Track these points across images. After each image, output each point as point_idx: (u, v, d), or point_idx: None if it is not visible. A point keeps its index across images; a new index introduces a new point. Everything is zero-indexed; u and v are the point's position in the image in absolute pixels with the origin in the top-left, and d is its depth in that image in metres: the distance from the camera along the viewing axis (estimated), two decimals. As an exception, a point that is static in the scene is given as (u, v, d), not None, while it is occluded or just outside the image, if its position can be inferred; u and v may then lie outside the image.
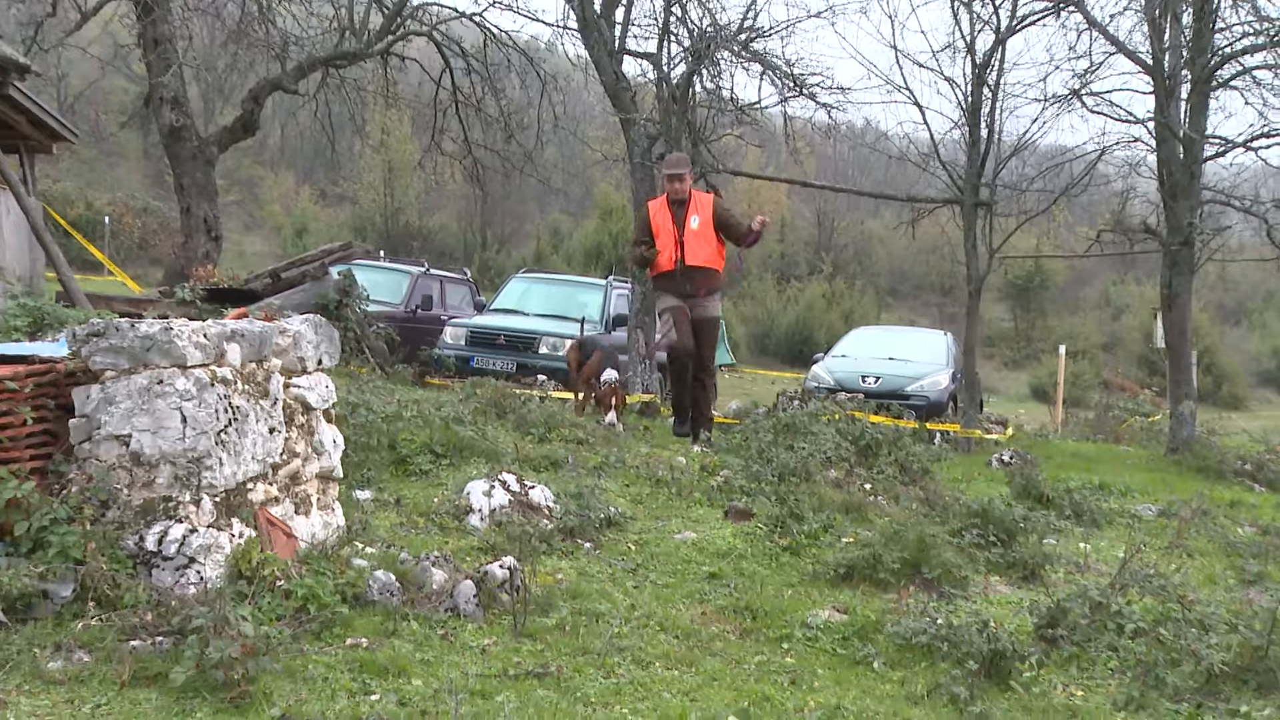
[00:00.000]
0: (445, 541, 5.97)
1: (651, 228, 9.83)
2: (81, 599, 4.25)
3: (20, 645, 3.96)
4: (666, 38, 15.43)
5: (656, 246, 9.74)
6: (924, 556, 6.35)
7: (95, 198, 38.81)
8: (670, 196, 9.79)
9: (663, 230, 9.74)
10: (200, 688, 3.79)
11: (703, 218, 9.69)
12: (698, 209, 9.71)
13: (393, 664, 4.31)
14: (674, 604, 5.66)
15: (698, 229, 9.64)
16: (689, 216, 9.66)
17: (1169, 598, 5.98)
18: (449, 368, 14.10)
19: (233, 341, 5.04)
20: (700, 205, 9.77)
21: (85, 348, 4.73)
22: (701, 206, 9.76)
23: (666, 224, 9.72)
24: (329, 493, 5.77)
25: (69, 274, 12.14)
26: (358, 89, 19.99)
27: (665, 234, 9.71)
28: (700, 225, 9.66)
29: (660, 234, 9.74)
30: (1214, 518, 9.31)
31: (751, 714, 4.33)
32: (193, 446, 4.67)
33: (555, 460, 8.10)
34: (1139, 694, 4.91)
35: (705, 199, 9.96)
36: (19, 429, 4.58)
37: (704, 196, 10.00)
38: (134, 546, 4.48)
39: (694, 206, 9.71)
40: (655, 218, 9.84)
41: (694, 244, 9.65)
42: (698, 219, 9.65)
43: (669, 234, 9.69)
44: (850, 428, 9.67)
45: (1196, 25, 14.61)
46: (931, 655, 5.09)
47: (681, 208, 9.71)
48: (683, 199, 9.71)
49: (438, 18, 18.83)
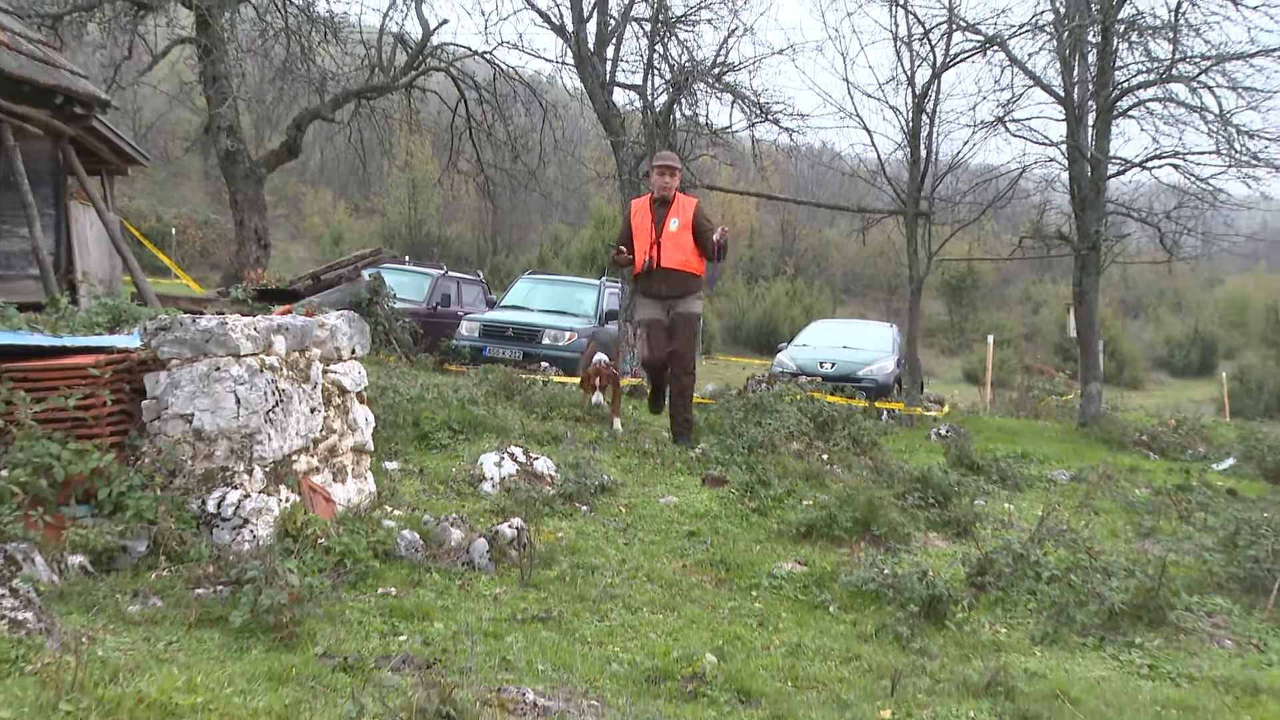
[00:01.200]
0: (462, 505, 5.97)
1: (631, 228, 8.49)
2: (154, 553, 4.27)
3: (105, 592, 3.96)
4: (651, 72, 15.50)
5: (634, 247, 8.40)
6: (873, 516, 6.36)
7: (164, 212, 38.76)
8: (655, 193, 8.39)
9: (640, 231, 8.39)
10: (255, 629, 3.78)
11: (683, 221, 8.27)
12: (679, 211, 8.31)
13: (418, 609, 4.31)
14: (659, 558, 5.66)
15: (676, 231, 8.25)
16: (669, 218, 8.28)
17: (1078, 549, 6.01)
18: (465, 356, 14.06)
19: (279, 334, 5.02)
20: (682, 208, 8.34)
21: (155, 340, 4.72)
22: (683, 209, 8.33)
23: (645, 224, 8.37)
24: (362, 463, 5.76)
25: (142, 277, 12.13)
26: (385, 117, 19.99)
27: (643, 234, 8.36)
28: (679, 228, 8.25)
29: (638, 234, 8.39)
30: (1116, 481, 9.36)
31: (725, 651, 4.33)
32: (245, 424, 4.66)
33: (556, 435, 8.11)
34: (1053, 630, 4.93)
35: (689, 202, 8.43)
36: (100, 409, 4.58)
37: (688, 199, 8.46)
38: (197, 509, 4.48)
39: (676, 208, 8.31)
40: (635, 218, 8.48)
41: (670, 246, 8.26)
42: (677, 221, 8.25)
43: (646, 234, 8.33)
44: (810, 407, 9.66)
45: (1100, 63, 14.84)
46: (879, 600, 5.10)
47: (664, 208, 8.34)
48: (667, 197, 8.33)
49: (454, 56, 18.79)
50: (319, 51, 18.24)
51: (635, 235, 8.41)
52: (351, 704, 2.91)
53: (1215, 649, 4.90)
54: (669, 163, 8.46)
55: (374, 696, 2.98)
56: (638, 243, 8.38)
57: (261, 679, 3.42)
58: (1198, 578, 5.92)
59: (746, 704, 3.85)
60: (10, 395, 4.41)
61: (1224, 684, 4.39)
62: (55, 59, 11.43)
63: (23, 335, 5.33)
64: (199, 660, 3.52)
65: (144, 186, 40.39)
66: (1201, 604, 5.48)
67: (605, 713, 3.37)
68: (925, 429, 12.54)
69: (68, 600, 3.86)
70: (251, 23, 17.96)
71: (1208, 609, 5.43)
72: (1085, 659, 4.68)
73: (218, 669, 3.47)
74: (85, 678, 3.09)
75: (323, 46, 18.32)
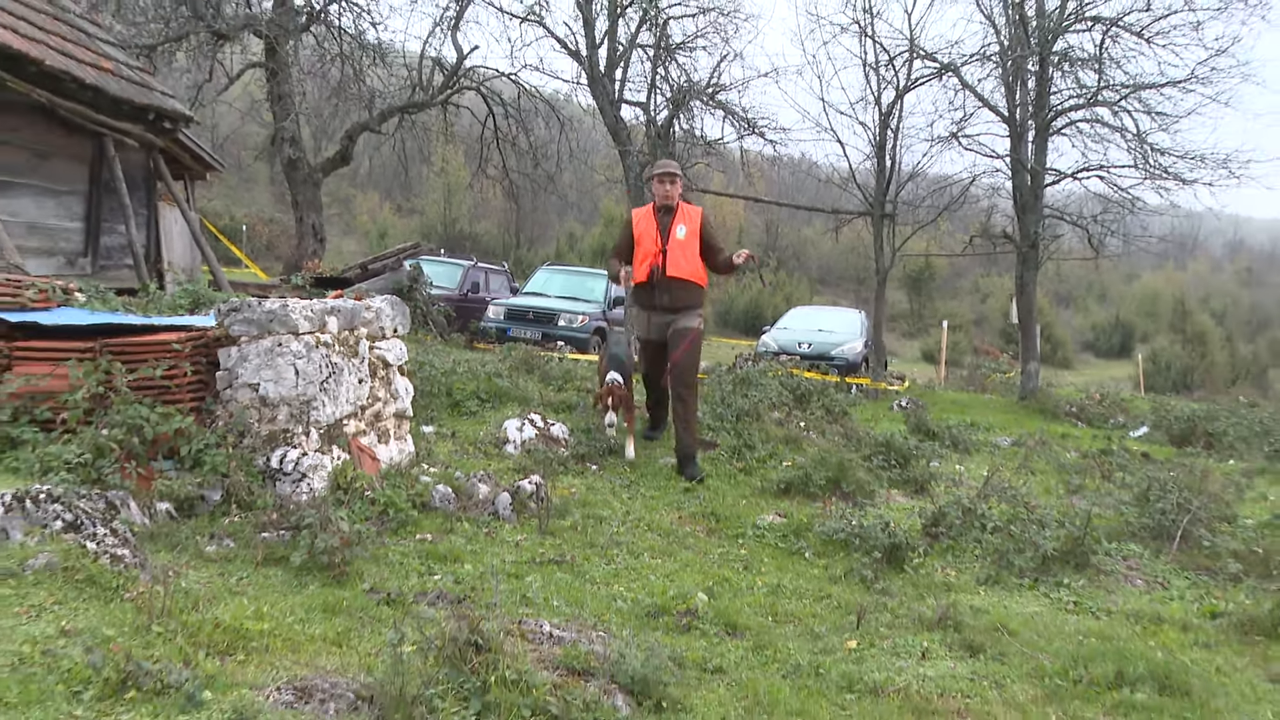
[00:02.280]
0: (488, 464, 5.96)
1: (633, 235, 6.96)
2: (226, 502, 4.28)
3: (186, 534, 3.97)
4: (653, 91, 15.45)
5: (636, 255, 6.94)
6: (843, 475, 6.36)
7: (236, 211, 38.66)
8: (658, 202, 6.93)
9: (645, 238, 6.88)
10: (311, 568, 3.79)
11: (690, 229, 6.83)
12: (685, 219, 6.86)
13: (450, 553, 4.31)
14: (658, 511, 5.67)
15: (684, 239, 6.80)
16: (675, 225, 6.82)
17: (1018, 504, 6.01)
18: (491, 336, 14.03)
19: (332, 315, 5.01)
20: (688, 216, 6.87)
21: (227, 319, 4.71)
22: (689, 218, 6.86)
23: (650, 231, 6.87)
24: (403, 427, 5.75)
25: (217, 266, 12.11)
26: (425, 129, 19.91)
27: (647, 241, 6.86)
28: (686, 236, 6.80)
29: (642, 241, 6.89)
30: (1050, 446, 9.34)
31: (715, 591, 4.34)
32: (303, 392, 4.65)
33: (570, 404, 8.08)
34: (995, 573, 4.93)
35: (694, 211, 6.96)
36: (182, 379, 4.59)
37: (693, 209, 6.99)
38: (263, 465, 4.48)
39: (681, 216, 6.86)
40: (638, 225, 6.95)
41: (677, 255, 6.76)
42: (685, 229, 6.82)
43: (651, 241, 6.83)
44: (789, 381, 9.65)
45: (1038, 88, 15.05)
46: (847, 547, 5.10)
47: (668, 215, 6.86)
48: (670, 205, 6.86)
49: (484, 77, 18.70)
50: (369, 73, 18.17)
51: (639, 243, 6.94)
52: (394, 632, 2.91)
53: (1129, 587, 4.93)
54: (670, 170, 6.97)
55: (413, 626, 2.98)
56: (640, 250, 6.91)
57: (317, 610, 3.43)
58: (1116, 528, 5.93)
59: (733, 636, 3.86)
60: (110, 366, 4.42)
61: (1134, 616, 4.44)
62: (149, 82, 11.48)
63: (119, 315, 5.32)
64: (265, 593, 3.53)
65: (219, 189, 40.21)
66: (1119, 550, 5.51)
67: (611, 642, 3.37)
68: (888, 401, 12.53)
69: (156, 540, 3.87)
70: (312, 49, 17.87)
71: (1123, 554, 5.46)
72: (1022, 597, 4.68)
73: (281, 601, 3.48)
74: (172, 605, 3.10)
75: (372, 69, 18.25)
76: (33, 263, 9.10)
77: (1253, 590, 4.88)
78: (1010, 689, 3.54)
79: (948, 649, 3.87)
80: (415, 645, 2.88)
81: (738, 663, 3.55)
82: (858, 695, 3.39)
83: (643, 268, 6.85)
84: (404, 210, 51.13)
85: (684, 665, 3.39)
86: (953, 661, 3.75)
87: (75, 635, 2.84)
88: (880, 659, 3.70)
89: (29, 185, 9.83)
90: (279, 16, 15.95)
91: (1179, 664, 3.73)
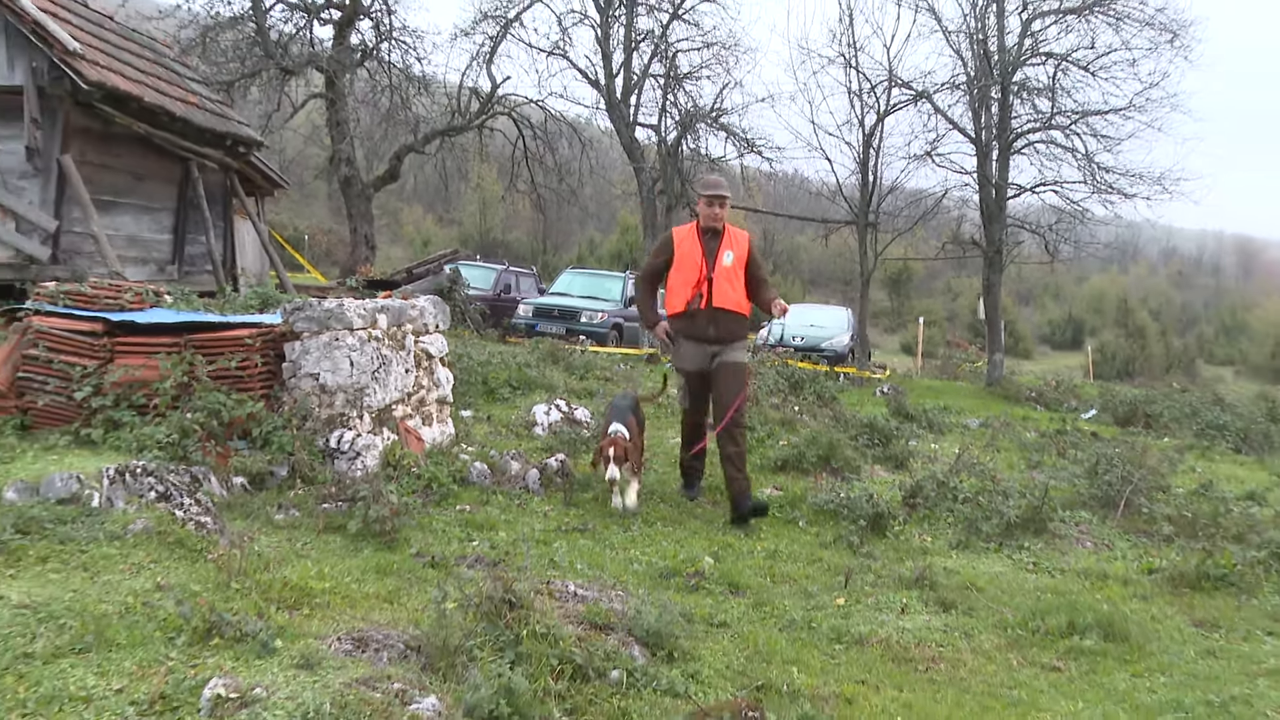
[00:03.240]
0: (519, 443, 5.95)
1: (673, 254, 5.34)
2: (292, 477, 4.29)
3: (258, 504, 3.99)
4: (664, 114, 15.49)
5: (675, 279, 5.33)
6: (832, 453, 6.31)
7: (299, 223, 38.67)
8: (703, 223, 5.31)
9: (688, 262, 5.27)
10: (366, 534, 3.79)
11: (738, 255, 5.30)
12: (733, 244, 5.32)
13: (486, 522, 4.31)
14: (668, 484, 5.64)
15: (731, 266, 5.25)
16: (723, 251, 5.27)
17: (985, 478, 5.96)
18: (521, 331, 14.01)
19: (381, 313, 5.01)
20: (735, 241, 5.35)
21: (291, 317, 4.72)
22: (737, 243, 5.34)
23: (694, 255, 5.26)
24: (444, 412, 5.76)
25: (283, 271, 12.18)
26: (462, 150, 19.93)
27: (690, 267, 5.25)
28: (734, 263, 5.27)
29: (684, 265, 5.28)
30: (1013, 427, 9.28)
31: (720, 555, 4.32)
32: (357, 381, 4.65)
33: (591, 391, 8.07)
34: (965, 538, 4.90)
35: (741, 235, 5.44)
36: (253, 369, 4.60)
37: (740, 233, 5.46)
38: (323, 445, 4.49)
39: (729, 241, 5.32)
40: (681, 245, 5.33)
41: (724, 283, 5.22)
42: (732, 255, 5.27)
43: (695, 268, 5.23)
44: (785, 370, 9.59)
45: (1000, 113, 15.28)
46: (836, 517, 5.07)
47: (715, 239, 5.29)
48: (718, 228, 5.31)
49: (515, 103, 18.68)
50: (414, 102, 18.19)
51: (679, 267, 5.33)
52: (438, 591, 2.91)
53: (1080, 549, 4.93)
54: (719, 191, 5.38)
55: (455, 586, 2.97)
56: (681, 276, 5.30)
57: (371, 571, 3.44)
58: (1070, 498, 5.90)
59: (736, 594, 3.84)
60: (193, 358, 4.44)
61: (1084, 574, 4.45)
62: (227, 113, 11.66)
63: (201, 314, 5.34)
64: (326, 556, 3.54)
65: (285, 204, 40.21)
66: (1072, 517, 5.49)
67: (629, 600, 3.36)
68: (872, 388, 12.47)
69: (233, 509, 3.88)
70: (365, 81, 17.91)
71: (1076, 520, 5.44)
72: (988, 559, 4.65)
73: (339, 563, 3.48)
74: (247, 565, 3.11)
75: (417, 98, 18.26)
76: (130, 270, 9.21)
77: (1182, 549, 4.91)
78: (978, 639, 3.53)
79: (924, 605, 3.85)
80: (457, 602, 2.87)
81: (740, 618, 3.53)
82: (845, 645, 3.37)
83: (684, 294, 5.28)
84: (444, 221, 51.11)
85: (693, 620, 3.38)
86: (928, 615, 3.74)
87: (168, 589, 2.87)
88: (865, 614, 3.68)
89: (129, 204, 10.03)
90: (338, 54, 15.99)
91: (1121, 614, 3.75)
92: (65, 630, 2.54)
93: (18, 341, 4.51)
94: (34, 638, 2.49)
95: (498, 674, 2.45)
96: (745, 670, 3.02)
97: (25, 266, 8.44)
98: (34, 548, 3.09)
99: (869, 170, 15.82)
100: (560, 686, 2.56)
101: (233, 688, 2.29)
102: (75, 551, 3.12)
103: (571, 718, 2.49)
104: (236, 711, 2.22)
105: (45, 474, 3.63)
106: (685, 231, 5.45)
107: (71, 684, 2.28)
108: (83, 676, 2.32)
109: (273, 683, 2.37)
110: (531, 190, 19.92)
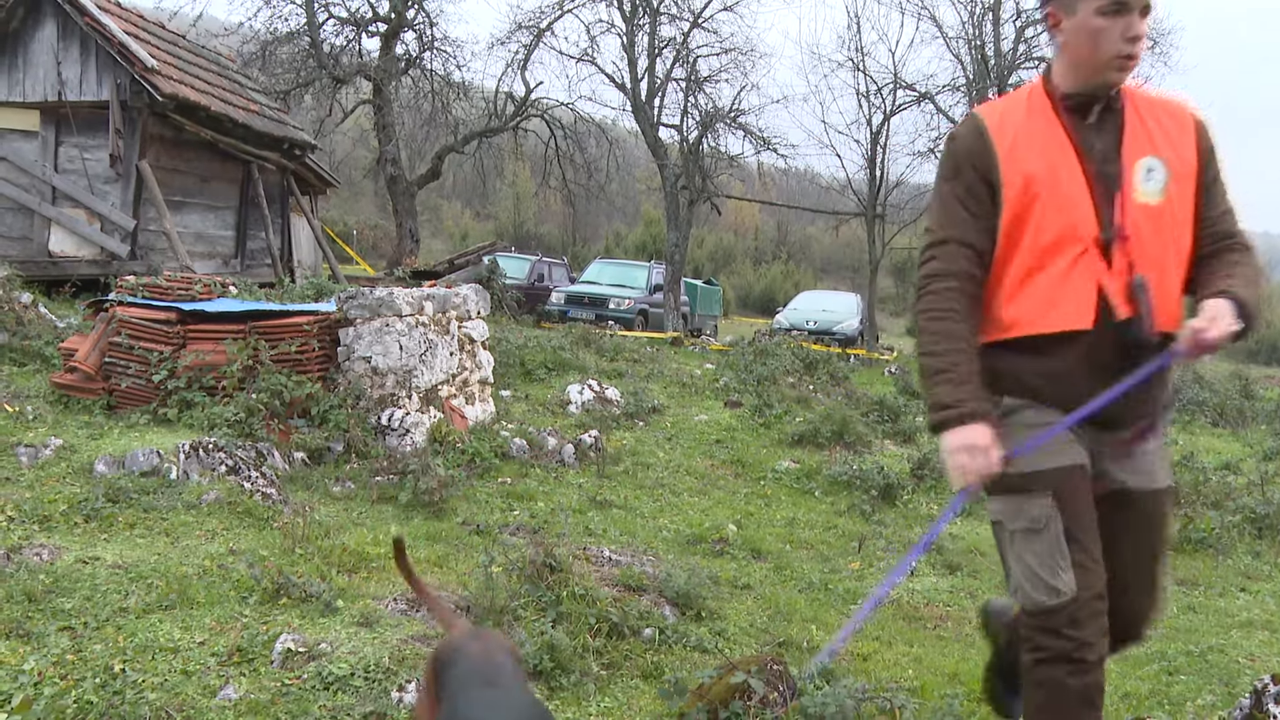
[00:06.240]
0: (555, 421, 5.97)
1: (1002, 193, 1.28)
2: (347, 452, 4.32)
3: (317, 478, 4.02)
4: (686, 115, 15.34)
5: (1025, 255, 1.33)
6: (845, 429, 6.25)
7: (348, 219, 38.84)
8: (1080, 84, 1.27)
9: (1055, 200, 1.28)
10: (415, 505, 3.82)
11: (1179, 170, 1.30)
12: (1165, 143, 1.31)
13: (526, 493, 4.32)
14: (694, 458, 5.63)
15: (1160, 206, 1.25)
16: (1134, 162, 1.24)
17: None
18: (555, 317, 14.00)
19: (427, 301, 5.02)
20: (1167, 134, 1.35)
21: (345, 305, 4.74)
22: (1173, 136, 1.35)
23: (1073, 180, 1.27)
24: (485, 392, 5.77)
25: (335, 263, 12.31)
26: (499, 150, 19.92)
27: (1067, 208, 1.27)
28: (1167, 198, 1.27)
29: (1052, 209, 1.27)
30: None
31: (742, 523, 4.31)
32: (406, 363, 4.67)
33: (620, 372, 8.06)
34: (969, 507, 4.82)
35: (1185, 118, 1.39)
36: (311, 353, 4.63)
37: (1181, 109, 1.41)
38: (375, 423, 4.52)
39: (1149, 134, 1.30)
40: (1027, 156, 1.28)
41: (1158, 250, 1.27)
42: (1163, 173, 1.23)
43: (1081, 210, 1.24)
44: (800, 352, 9.51)
45: None
46: (850, 487, 5.03)
47: (1113, 135, 1.27)
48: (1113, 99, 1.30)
49: (547, 106, 18.62)
50: (454, 106, 18.22)
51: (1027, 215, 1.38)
52: (485, 556, 2.93)
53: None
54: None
55: (499, 551, 2.99)
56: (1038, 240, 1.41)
57: (422, 538, 3.46)
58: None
59: (758, 559, 3.83)
60: (257, 343, 4.48)
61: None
62: (284, 119, 11.81)
63: (262, 304, 5.39)
64: (380, 524, 3.57)
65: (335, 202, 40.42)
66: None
67: (659, 564, 3.36)
68: (881, 368, 12.34)
69: (295, 482, 3.93)
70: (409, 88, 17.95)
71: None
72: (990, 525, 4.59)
73: (392, 531, 3.52)
74: (309, 533, 3.15)
75: (457, 102, 18.27)
76: (198, 264, 9.36)
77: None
78: (982, 598, 3.48)
79: (932, 568, 3.82)
80: (501, 566, 2.89)
81: (762, 580, 3.53)
82: (859, 605, 3.35)
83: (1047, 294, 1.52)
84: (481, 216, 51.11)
85: (718, 582, 3.37)
86: (936, 578, 3.71)
87: (240, 554, 2.93)
88: (877, 576, 3.65)
89: (196, 203, 10.25)
90: (384, 63, 16.04)
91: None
92: (153, 589, 2.61)
93: (104, 330, 4.59)
94: (127, 594, 2.57)
95: (541, 631, 2.47)
96: (768, 628, 3.02)
97: (108, 262, 8.70)
98: (122, 515, 3.17)
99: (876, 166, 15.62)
100: (598, 643, 2.57)
101: (301, 643, 2.33)
102: (157, 519, 3.19)
103: (609, 671, 2.50)
104: (305, 664, 2.25)
105: (129, 449, 3.70)
106: (1021, 112, 1.51)
107: (161, 636, 2.35)
108: (170, 630, 2.38)
109: (336, 638, 2.40)
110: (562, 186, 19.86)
